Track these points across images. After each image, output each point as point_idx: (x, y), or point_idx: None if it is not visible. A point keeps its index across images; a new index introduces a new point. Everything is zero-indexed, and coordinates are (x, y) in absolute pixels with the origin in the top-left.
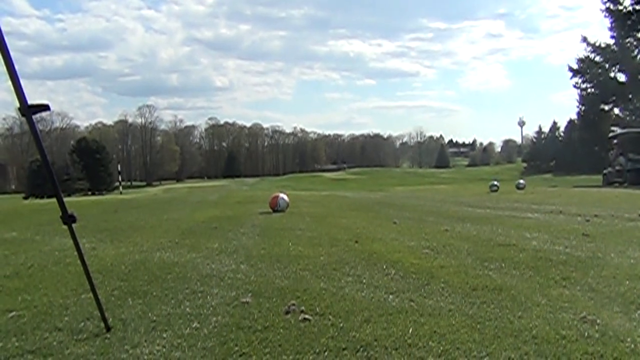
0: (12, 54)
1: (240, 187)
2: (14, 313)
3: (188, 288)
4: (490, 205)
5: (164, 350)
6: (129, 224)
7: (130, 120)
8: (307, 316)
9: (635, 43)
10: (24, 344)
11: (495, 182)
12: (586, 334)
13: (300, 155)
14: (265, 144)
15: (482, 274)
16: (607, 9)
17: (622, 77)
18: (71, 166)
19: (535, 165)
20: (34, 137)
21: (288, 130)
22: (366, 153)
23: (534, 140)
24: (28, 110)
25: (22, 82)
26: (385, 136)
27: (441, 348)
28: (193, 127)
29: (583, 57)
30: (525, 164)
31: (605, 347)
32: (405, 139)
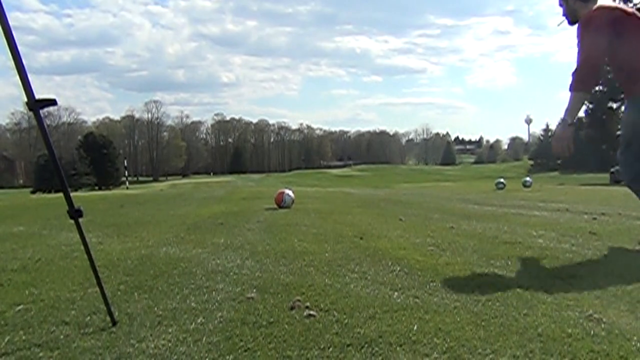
0: (20, 48)
1: (246, 183)
2: (21, 306)
3: (193, 283)
4: (496, 203)
5: (170, 344)
6: (135, 219)
7: (137, 115)
8: (312, 312)
9: None
10: (31, 337)
11: (502, 180)
12: (592, 332)
13: (306, 152)
14: (271, 140)
15: (488, 271)
16: None
17: None
18: (78, 161)
19: (542, 163)
20: (41, 131)
21: (294, 126)
22: (372, 150)
23: (541, 138)
24: (35, 104)
25: (30, 76)
26: (391, 133)
27: (446, 345)
28: (199, 122)
29: None
30: (532, 162)
31: (612, 345)
32: (411, 136)
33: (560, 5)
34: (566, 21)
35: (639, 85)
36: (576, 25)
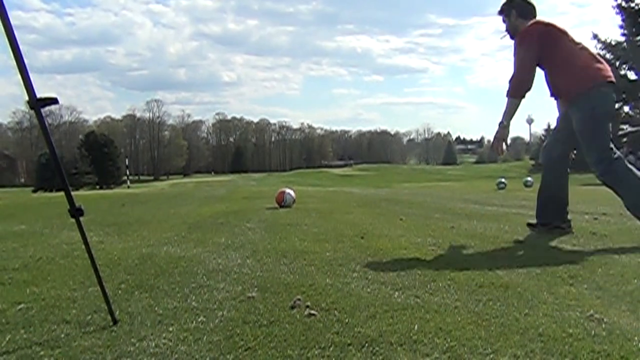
0: (21, 47)
1: (247, 182)
2: (22, 305)
3: (194, 282)
4: (497, 203)
5: (170, 343)
6: (136, 218)
7: (138, 114)
8: (312, 311)
9: None
10: (32, 335)
11: (503, 180)
12: (593, 332)
13: (307, 151)
14: (272, 139)
15: (489, 271)
16: (619, 6)
17: (632, 75)
18: (79, 160)
19: None
20: (42, 130)
21: (295, 125)
22: (373, 149)
23: (543, 137)
24: (37, 103)
25: (32, 75)
26: (392, 132)
27: (447, 345)
28: (200, 122)
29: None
30: (533, 162)
31: (612, 345)
32: (412, 136)
33: (504, 21)
34: (508, 35)
35: (584, 83)
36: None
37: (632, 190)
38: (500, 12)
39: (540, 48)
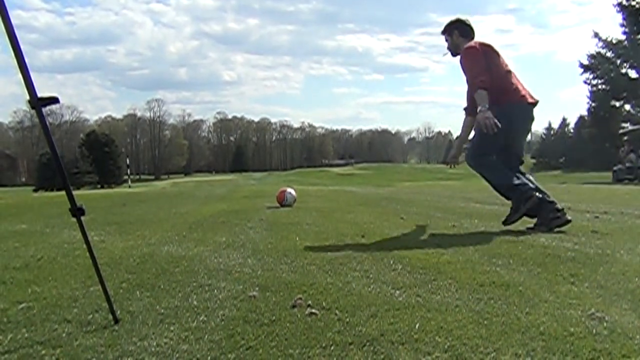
0: (22, 47)
1: (248, 182)
2: (23, 305)
3: (195, 281)
4: (498, 202)
5: (172, 342)
6: (137, 217)
7: (139, 114)
8: (313, 310)
9: None
10: (34, 335)
11: None
12: (594, 330)
13: (308, 150)
14: (273, 138)
15: (490, 270)
16: (619, 4)
17: (633, 74)
18: (80, 159)
19: (545, 161)
20: (43, 129)
21: (296, 125)
22: (374, 148)
23: (543, 136)
24: (38, 102)
25: (32, 75)
26: (393, 131)
27: (448, 343)
28: (201, 121)
29: (594, 52)
30: (534, 161)
31: (614, 344)
32: (413, 135)
33: (446, 40)
34: (450, 53)
35: (503, 97)
36: (459, 56)
37: (496, 174)
38: (444, 32)
39: (484, 59)
